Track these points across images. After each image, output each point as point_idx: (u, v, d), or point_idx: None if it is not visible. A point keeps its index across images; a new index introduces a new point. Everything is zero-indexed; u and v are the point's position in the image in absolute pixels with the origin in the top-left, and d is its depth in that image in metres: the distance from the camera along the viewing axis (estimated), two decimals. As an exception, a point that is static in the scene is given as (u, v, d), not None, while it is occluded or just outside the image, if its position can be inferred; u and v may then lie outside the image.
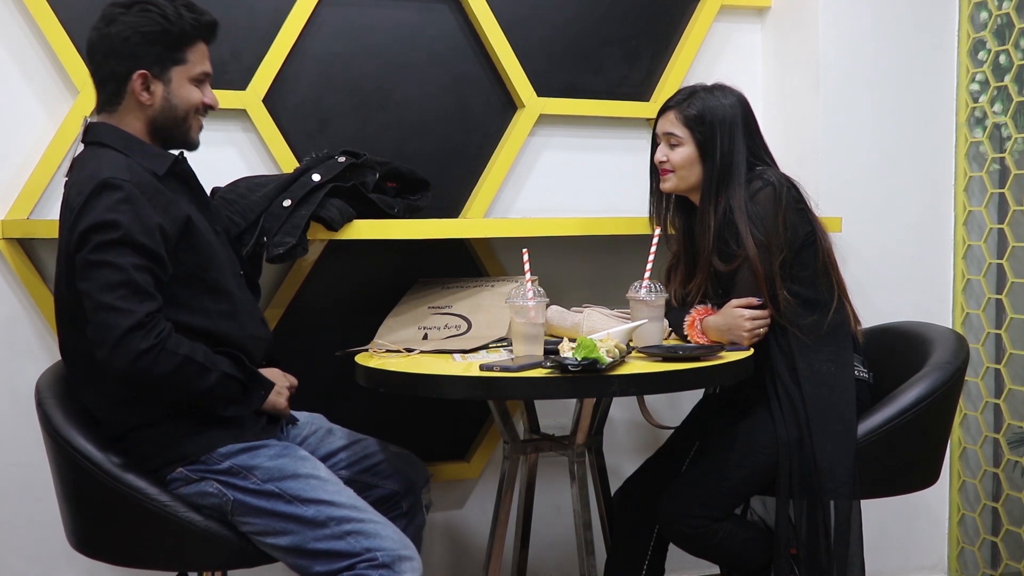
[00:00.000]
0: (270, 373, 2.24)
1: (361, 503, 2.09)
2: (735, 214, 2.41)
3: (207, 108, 2.17)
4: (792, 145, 3.14)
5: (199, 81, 2.14)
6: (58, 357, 2.47)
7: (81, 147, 2.14)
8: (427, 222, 2.66)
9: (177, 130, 2.14)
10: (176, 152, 2.16)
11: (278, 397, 2.21)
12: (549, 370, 2.09)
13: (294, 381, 2.31)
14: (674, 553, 2.58)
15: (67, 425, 2.09)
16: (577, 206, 3.06)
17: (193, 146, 2.19)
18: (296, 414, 2.34)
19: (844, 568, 2.37)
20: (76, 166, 2.10)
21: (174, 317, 2.03)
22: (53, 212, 2.62)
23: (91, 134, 2.13)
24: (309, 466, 2.10)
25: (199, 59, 2.14)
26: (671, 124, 2.49)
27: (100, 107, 2.14)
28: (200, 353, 2.01)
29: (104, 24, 2.08)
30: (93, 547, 2.15)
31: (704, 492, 2.41)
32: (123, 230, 1.94)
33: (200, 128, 2.19)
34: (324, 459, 2.28)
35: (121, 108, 2.11)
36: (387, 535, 2.04)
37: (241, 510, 2.06)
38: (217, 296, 2.12)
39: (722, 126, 2.45)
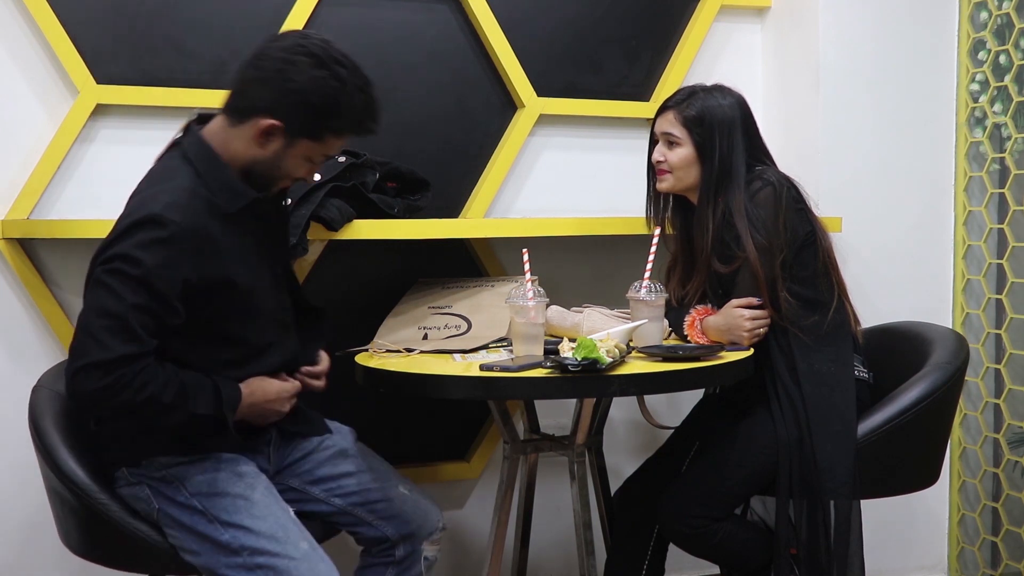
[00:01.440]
0: (264, 386, 2.09)
1: (284, 533, 1.98)
2: (734, 216, 2.41)
3: (303, 180, 2.10)
4: (792, 145, 3.14)
5: (314, 162, 2.04)
6: (59, 357, 2.48)
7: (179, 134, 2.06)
8: (427, 222, 2.66)
9: (264, 182, 2.04)
10: (259, 192, 2.04)
11: (262, 420, 2.11)
12: (549, 370, 2.09)
13: (298, 387, 2.17)
14: (674, 553, 2.58)
15: (44, 416, 2.11)
16: (577, 206, 3.06)
17: (268, 196, 2.08)
18: (330, 424, 2.29)
19: (844, 568, 2.37)
20: (152, 173, 2.03)
21: (179, 351, 1.97)
22: (53, 212, 2.62)
23: (188, 135, 2.03)
24: (242, 485, 2.02)
25: (332, 147, 2.03)
26: (670, 124, 2.49)
27: (224, 107, 2.02)
28: (171, 393, 1.91)
29: (284, 60, 1.94)
30: (72, 543, 2.16)
31: (704, 492, 2.41)
32: (143, 270, 1.86)
33: (284, 189, 2.12)
34: (317, 481, 2.20)
35: (238, 127, 1.99)
36: (299, 574, 1.93)
37: (166, 521, 2.03)
38: (229, 345, 2.04)
39: (721, 128, 2.45)
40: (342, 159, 2.56)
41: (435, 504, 2.30)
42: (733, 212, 2.41)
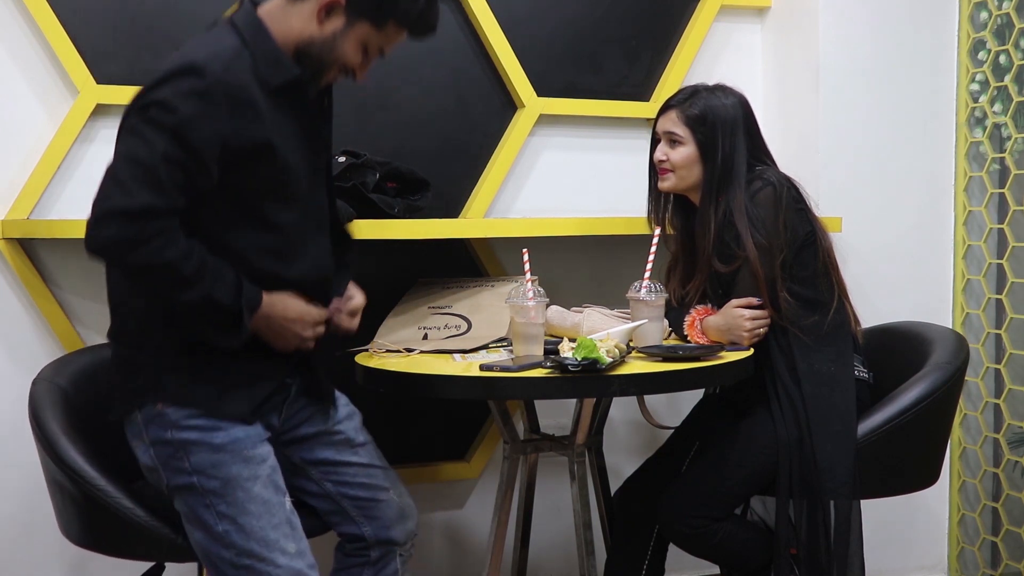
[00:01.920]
0: (287, 301, 1.98)
1: (275, 535, 1.96)
2: (735, 216, 2.41)
3: (352, 76, 2.01)
4: (792, 145, 3.14)
5: (369, 53, 1.98)
6: (58, 356, 2.48)
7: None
8: (427, 222, 2.65)
9: (316, 65, 1.96)
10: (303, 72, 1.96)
11: (280, 342, 2.00)
12: (549, 370, 2.09)
13: (324, 315, 2.05)
14: (674, 553, 2.58)
15: (44, 408, 2.11)
16: (577, 206, 3.06)
17: (311, 90, 2.00)
18: (341, 404, 2.22)
19: (844, 568, 2.37)
20: (197, 37, 1.96)
21: (213, 232, 1.90)
22: (53, 212, 2.62)
23: (241, 9, 1.96)
24: (246, 473, 1.96)
25: (389, 39, 1.98)
26: (672, 123, 2.49)
27: None
28: (191, 266, 1.83)
29: None
30: (72, 534, 2.15)
31: (704, 492, 2.41)
32: (178, 118, 1.80)
33: (330, 82, 2.04)
34: (318, 463, 2.17)
35: (298, 3, 1.93)
36: None
37: (172, 491, 1.98)
38: (265, 229, 1.95)
39: (723, 127, 2.45)
40: (342, 159, 2.56)
41: (415, 510, 2.26)
42: (734, 212, 2.41)
